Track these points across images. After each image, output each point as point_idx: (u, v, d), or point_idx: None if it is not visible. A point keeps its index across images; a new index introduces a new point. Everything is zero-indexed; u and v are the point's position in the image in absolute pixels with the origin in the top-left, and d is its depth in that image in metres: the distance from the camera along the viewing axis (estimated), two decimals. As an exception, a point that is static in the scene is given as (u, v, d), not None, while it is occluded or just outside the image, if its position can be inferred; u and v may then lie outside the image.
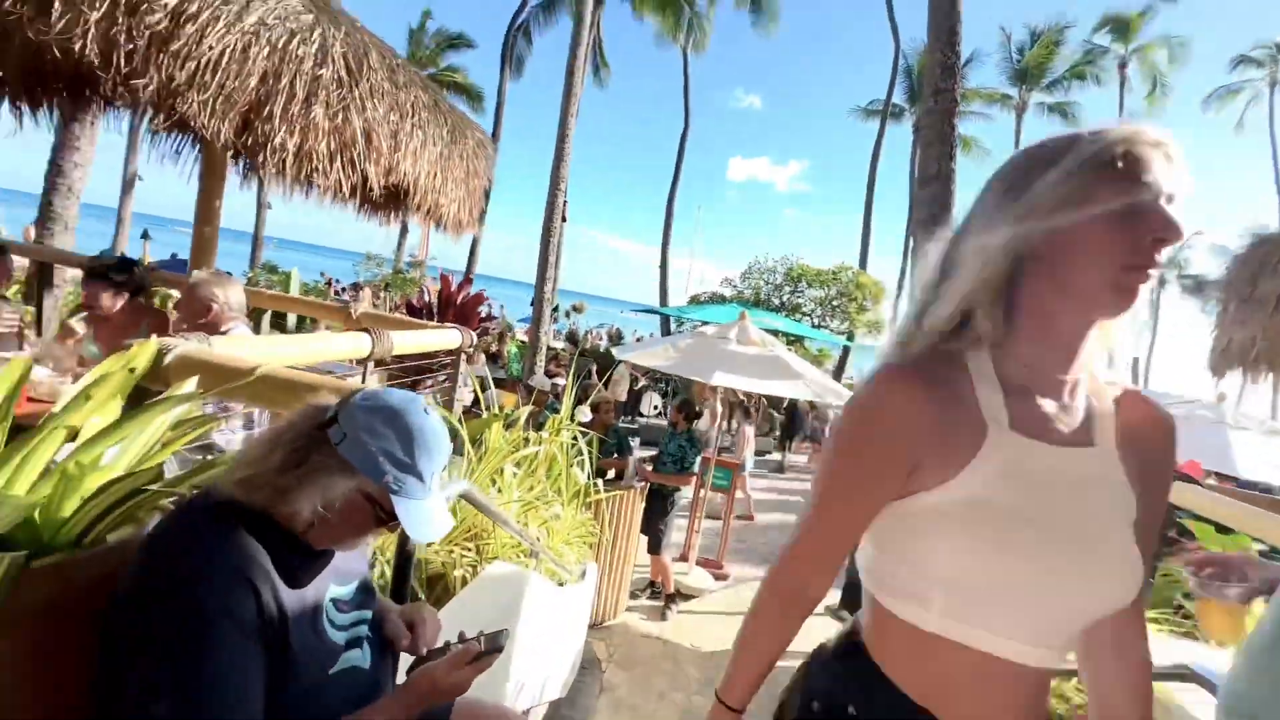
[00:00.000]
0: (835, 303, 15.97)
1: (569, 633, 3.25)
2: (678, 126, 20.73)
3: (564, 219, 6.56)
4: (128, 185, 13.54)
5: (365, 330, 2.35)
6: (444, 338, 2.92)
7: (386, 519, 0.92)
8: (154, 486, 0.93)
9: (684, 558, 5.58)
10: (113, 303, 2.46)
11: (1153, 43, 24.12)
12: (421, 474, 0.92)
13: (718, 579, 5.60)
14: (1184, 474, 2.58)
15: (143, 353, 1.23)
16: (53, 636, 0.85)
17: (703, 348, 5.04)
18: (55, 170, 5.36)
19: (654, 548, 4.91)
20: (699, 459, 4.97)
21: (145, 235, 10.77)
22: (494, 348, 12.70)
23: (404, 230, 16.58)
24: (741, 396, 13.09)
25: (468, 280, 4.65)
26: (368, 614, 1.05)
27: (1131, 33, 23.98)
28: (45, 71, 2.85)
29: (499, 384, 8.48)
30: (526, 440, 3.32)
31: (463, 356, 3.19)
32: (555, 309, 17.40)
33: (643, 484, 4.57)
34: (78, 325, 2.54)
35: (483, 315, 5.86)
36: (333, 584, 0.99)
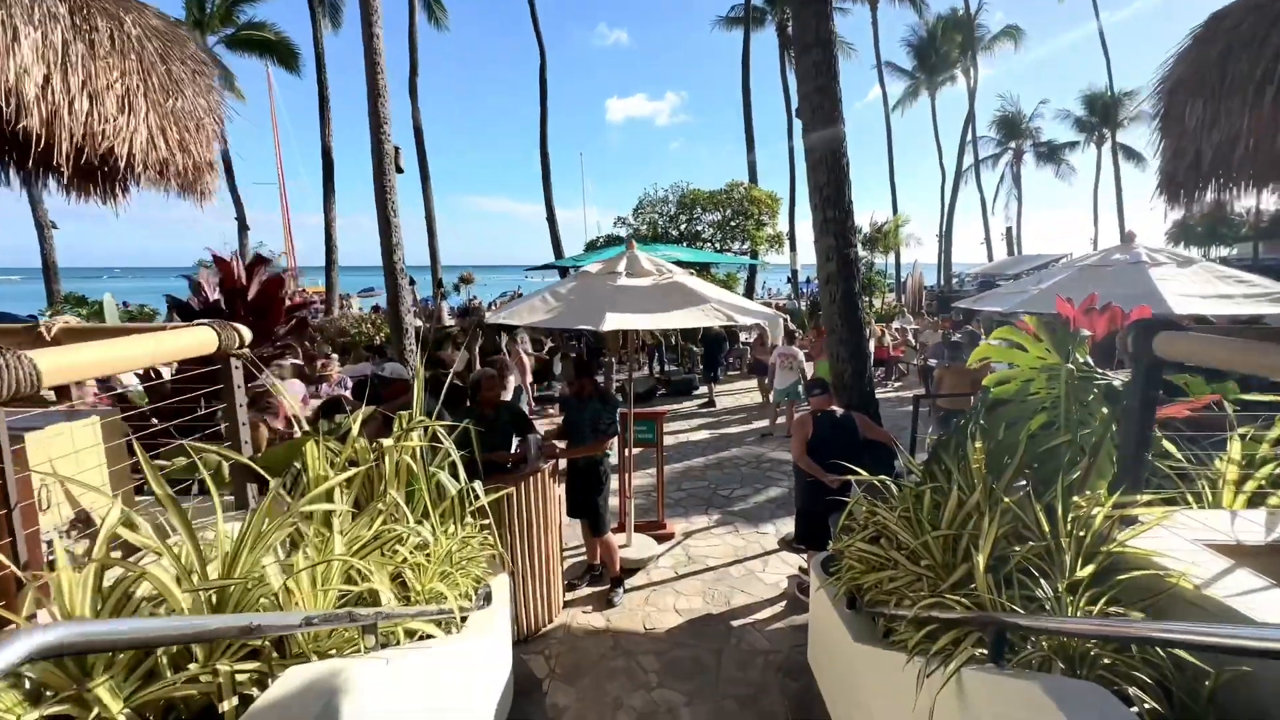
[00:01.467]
0: (734, 223, 15.53)
1: (479, 683, 2.52)
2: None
3: (400, 169, 5.38)
4: None
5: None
6: (181, 343, 1.95)
7: None
8: None
9: (620, 528, 4.96)
10: None
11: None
12: None
13: (661, 541, 5.05)
14: (1146, 322, 2.13)
15: None
16: None
17: (588, 290, 4.22)
18: None
19: (596, 529, 4.25)
20: (617, 416, 4.27)
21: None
22: (377, 340, 11.31)
23: (242, 227, 14.15)
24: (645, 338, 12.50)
25: (261, 261, 3.48)
26: None
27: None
28: None
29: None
30: (374, 453, 2.45)
31: (234, 362, 2.22)
32: (440, 285, 15.92)
33: (549, 463, 3.83)
34: None
35: (300, 303, 4.67)
36: None
